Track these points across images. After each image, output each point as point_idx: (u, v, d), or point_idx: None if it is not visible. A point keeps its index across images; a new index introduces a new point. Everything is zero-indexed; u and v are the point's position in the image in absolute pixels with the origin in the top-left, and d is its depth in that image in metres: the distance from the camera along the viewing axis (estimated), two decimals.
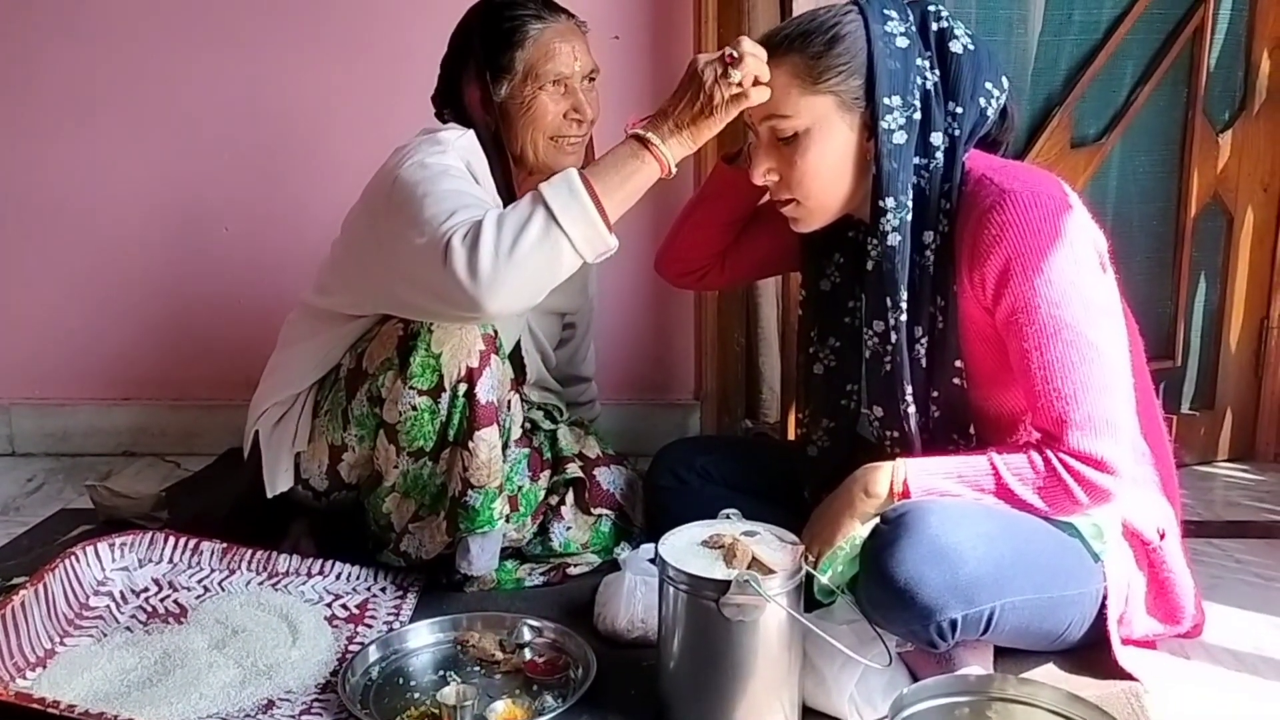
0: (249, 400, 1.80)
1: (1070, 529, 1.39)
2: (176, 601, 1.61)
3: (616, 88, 2.29)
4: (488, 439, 1.57)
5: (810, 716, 1.34)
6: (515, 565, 1.74)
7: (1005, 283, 1.35)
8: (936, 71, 1.42)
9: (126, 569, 1.64)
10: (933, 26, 1.43)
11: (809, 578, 1.30)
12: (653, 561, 1.40)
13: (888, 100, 1.39)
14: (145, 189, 2.40)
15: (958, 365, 1.44)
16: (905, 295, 1.43)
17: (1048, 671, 1.42)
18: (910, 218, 1.41)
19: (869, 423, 1.53)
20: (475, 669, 1.46)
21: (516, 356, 1.83)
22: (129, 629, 1.53)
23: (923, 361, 1.45)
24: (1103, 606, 1.40)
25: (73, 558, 1.57)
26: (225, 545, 1.69)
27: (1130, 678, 1.39)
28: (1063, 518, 1.37)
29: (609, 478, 1.83)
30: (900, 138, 1.40)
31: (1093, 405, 1.32)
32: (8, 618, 1.39)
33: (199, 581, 1.65)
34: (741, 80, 1.36)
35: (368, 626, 1.57)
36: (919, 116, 1.41)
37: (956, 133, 1.41)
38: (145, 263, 2.43)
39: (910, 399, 1.46)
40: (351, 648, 1.50)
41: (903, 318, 1.43)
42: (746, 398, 2.32)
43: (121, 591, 1.61)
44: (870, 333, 1.48)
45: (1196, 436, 2.35)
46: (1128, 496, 1.40)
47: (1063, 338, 1.33)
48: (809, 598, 1.32)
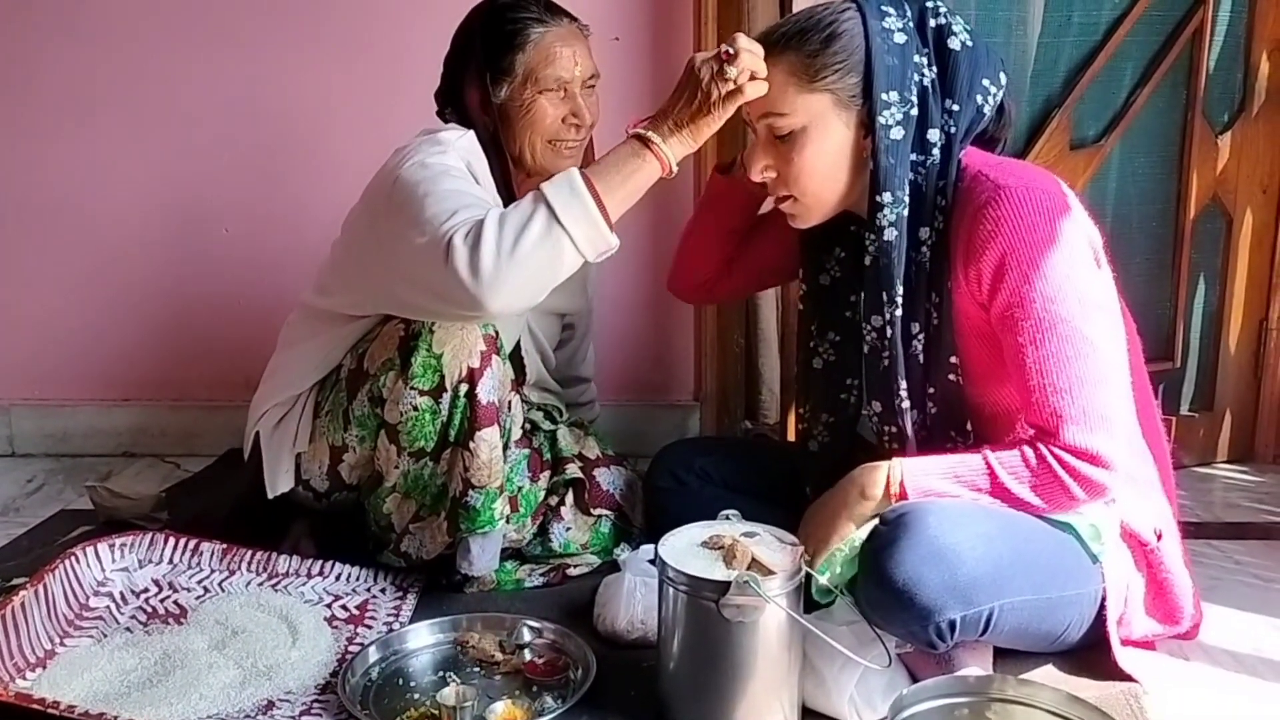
0: (249, 401, 1.80)
1: (1068, 530, 1.39)
2: (176, 602, 1.61)
3: (617, 89, 2.29)
4: (489, 439, 1.57)
5: (810, 717, 1.34)
6: (515, 566, 1.74)
7: (1000, 278, 1.36)
8: (934, 68, 1.42)
9: (126, 570, 1.64)
10: (931, 23, 1.43)
11: (808, 579, 1.31)
12: (652, 562, 1.40)
13: (885, 96, 1.39)
14: (145, 189, 2.40)
15: (953, 362, 1.44)
16: (901, 290, 1.43)
17: (1047, 673, 1.43)
18: (906, 213, 1.42)
19: (868, 420, 1.53)
20: (475, 670, 1.46)
21: (516, 357, 1.83)
22: (129, 630, 1.53)
23: (920, 358, 1.46)
24: (1102, 608, 1.40)
25: (73, 558, 1.57)
26: (225, 546, 1.69)
27: (1130, 679, 1.39)
28: (1059, 515, 1.38)
29: (609, 478, 1.83)
30: (897, 134, 1.40)
31: (1087, 400, 1.33)
32: (8, 618, 1.39)
33: (199, 582, 1.65)
34: (737, 76, 1.36)
35: (367, 627, 1.57)
36: (916, 113, 1.41)
37: (953, 130, 1.42)
38: (145, 263, 2.43)
39: (905, 395, 1.46)
40: (351, 648, 1.51)
41: (898, 313, 1.44)
42: (746, 399, 2.32)
43: (121, 592, 1.61)
44: (868, 328, 1.49)
45: (1196, 438, 2.35)
46: (1123, 492, 1.41)
47: (1058, 332, 1.33)
48: (807, 599, 1.33)
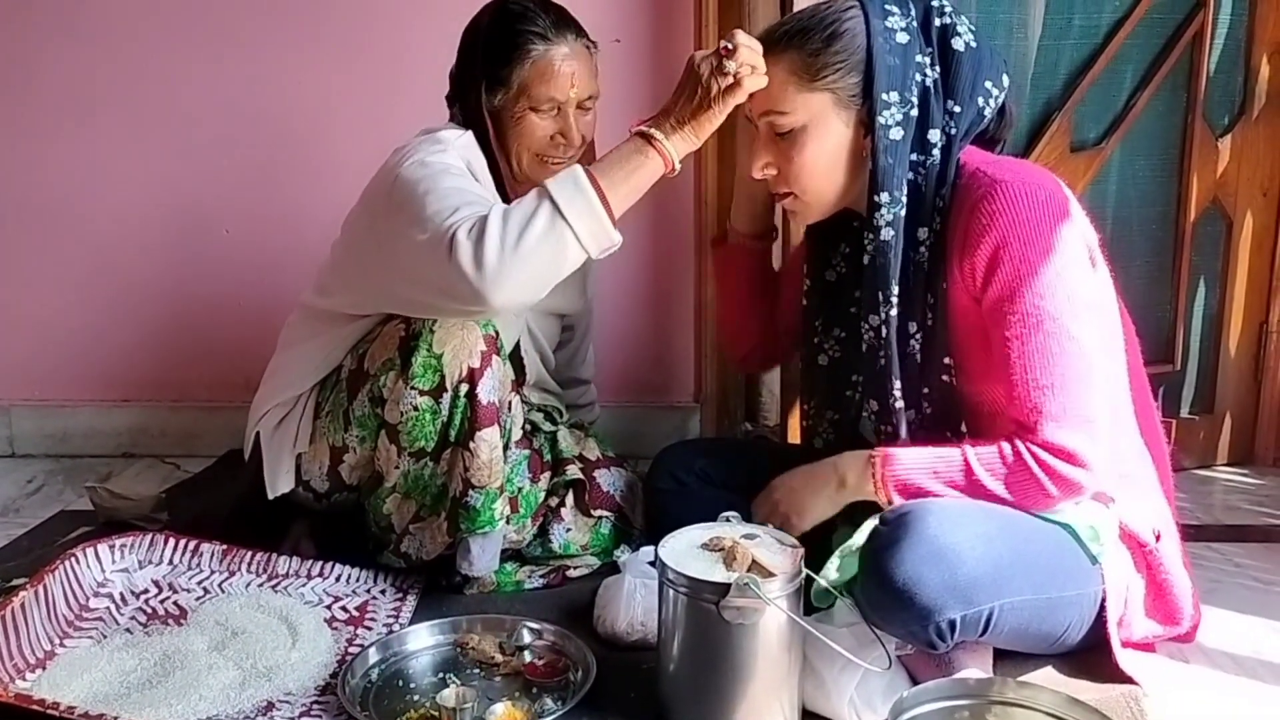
0: (249, 402, 1.80)
1: (1067, 531, 1.39)
2: (176, 603, 1.61)
3: (618, 90, 2.29)
4: (489, 439, 1.57)
5: (810, 719, 1.34)
6: (515, 568, 1.74)
7: (993, 270, 1.36)
8: (937, 68, 1.42)
9: (126, 570, 1.64)
10: (935, 22, 1.43)
11: (809, 581, 1.31)
12: (652, 564, 1.40)
13: (885, 96, 1.40)
14: (145, 190, 2.40)
15: (947, 362, 1.45)
16: (896, 290, 1.44)
17: (1047, 675, 1.43)
18: (904, 213, 1.43)
19: (867, 419, 1.53)
20: (475, 671, 1.46)
21: (516, 358, 1.83)
22: (129, 630, 1.53)
23: (917, 357, 1.47)
24: (1102, 609, 1.40)
25: (72, 559, 1.57)
26: (225, 547, 1.69)
27: (1130, 681, 1.39)
28: (1052, 515, 1.38)
29: (609, 479, 1.83)
30: (897, 134, 1.40)
31: (1069, 398, 1.34)
32: (7, 619, 1.39)
33: (199, 583, 1.65)
34: (736, 70, 1.37)
35: (367, 629, 1.57)
36: (916, 114, 1.41)
37: (953, 131, 1.42)
38: (145, 263, 2.43)
39: (899, 394, 1.47)
40: (351, 650, 1.50)
41: (892, 312, 1.45)
42: (746, 400, 2.33)
43: (121, 593, 1.61)
44: (866, 326, 1.50)
45: (1196, 440, 2.35)
46: (1119, 492, 1.42)
47: (1044, 329, 1.34)
48: (806, 602, 1.33)
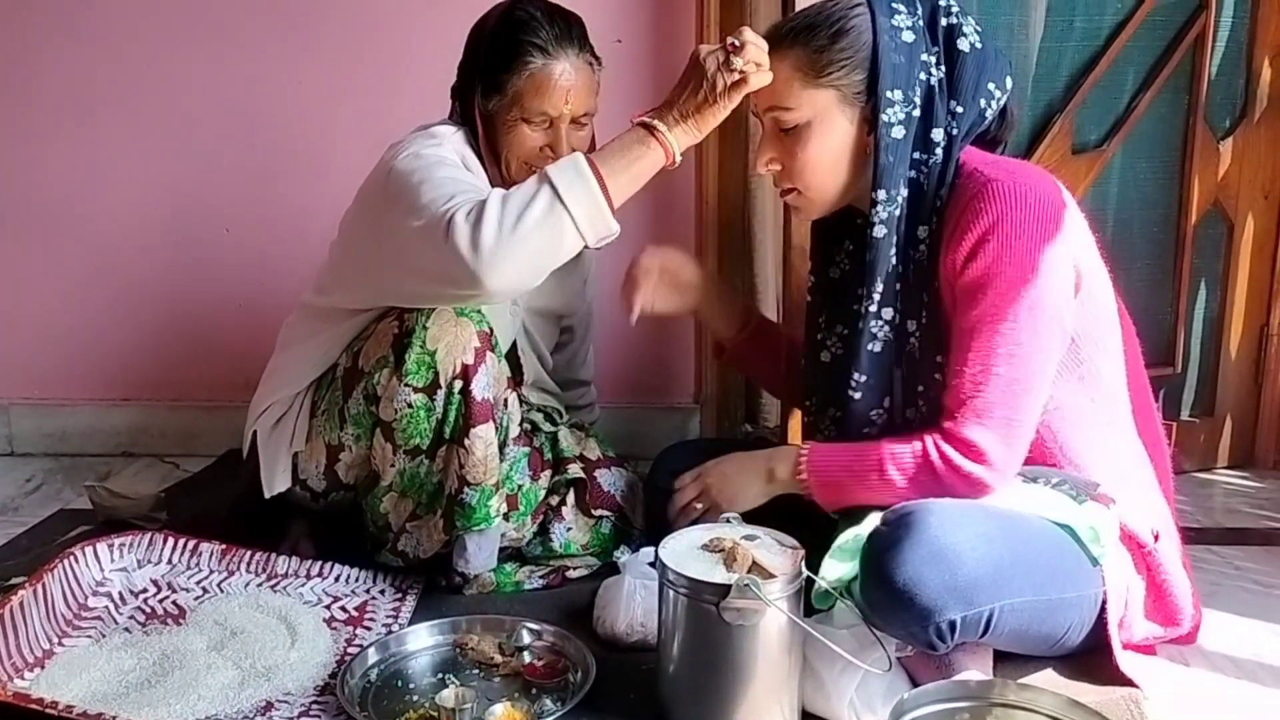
0: (249, 401, 1.80)
1: (1068, 532, 1.39)
2: (175, 603, 1.60)
3: (619, 91, 2.29)
4: (484, 436, 1.57)
5: None
6: (514, 568, 1.74)
7: (970, 261, 1.38)
8: (943, 68, 1.43)
9: (125, 570, 1.63)
10: (942, 22, 1.43)
11: (809, 582, 1.30)
12: (652, 565, 1.40)
13: (889, 94, 1.40)
14: (145, 190, 2.40)
15: (939, 360, 1.45)
16: (881, 287, 1.46)
17: (1047, 677, 1.42)
18: (900, 212, 1.44)
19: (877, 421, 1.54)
20: (474, 672, 1.46)
21: (513, 358, 1.83)
22: (127, 630, 1.53)
23: (916, 354, 1.48)
24: (1102, 610, 1.40)
25: (71, 558, 1.57)
26: (224, 546, 1.69)
27: (1130, 683, 1.39)
28: (1062, 519, 1.38)
29: (610, 479, 1.83)
30: (899, 132, 1.41)
31: (999, 396, 1.36)
32: (6, 618, 1.39)
33: (198, 583, 1.65)
34: (743, 65, 1.38)
35: (366, 629, 1.57)
36: (919, 113, 1.42)
37: (954, 131, 1.43)
38: (145, 263, 2.43)
39: (856, 382, 1.50)
40: (350, 650, 1.50)
41: (872, 308, 1.47)
42: (746, 401, 2.33)
43: (120, 592, 1.60)
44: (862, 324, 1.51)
45: (1196, 443, 2.35)
46: (1121, 494, 1.42)
47: (998, 328, 1.36)
48: (806, 604, 1.32)
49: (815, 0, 1.49)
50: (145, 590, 1.62)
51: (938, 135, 1.42)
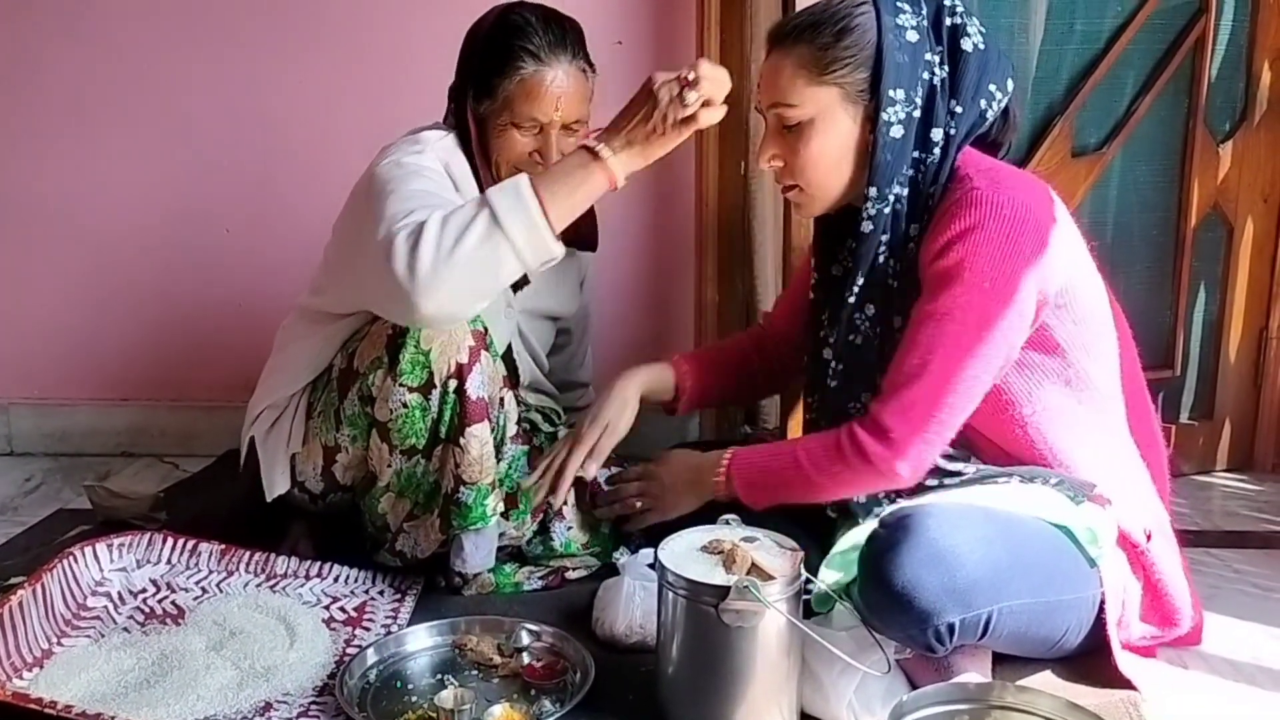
0: (248, 402, 1.80)
1: (1065, 534, 1.39)
2: (174, 603, 1.60)
3: (620, 93, 2.29)
4: (479, 435, 1.57)
5: None
6: (514, 569, 1.74)
7: (939, 256, 1.39)
8: (945, 68, 1.43)
9: (124, 570, 1.63)
10: (946, 21, 1.44)
11: (807, 584, 1.30)
12: (652, 566, 1.40)
13: (892, 93, 1.41)
14: (145, 190, 2.40)
15: None
16: (862, 281, 1.48)
17: (1046, 679, 1.42)
18: (889, 211, 1.45)
19: (855, 411, 1.54)
20: (473, 673, 1.45)
21: (509, 360, 1.83)
22: (126, 630, 1.53)
23: None
24: (1101, 612, 1.40)
25: (70, 558, 1.57)
26: (223, 547, 1.69)
27: (1129, 684, 1.39)
28: (1057, 519, 1.38)
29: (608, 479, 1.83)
30: (898, 132, 1.42)
31: (927, 392, 1.37)
32: (5, 618, 1.39)
33: (197, 583, 1.65)
34: (695, 101, 1.35)
35: (366, 629, 1.57)
36: (919, 113, 1.42)
37: (953, 131, 1.43)
38: (145, 263, 2.43)
39: (835, 377, 1.53)
40: (349, 650, 1.50)
41: (853, 299, 1.50)
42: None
43: (119, 592, 1.60)
44: (860, 319, 1.53)
45: (1195, 446, 2.35)
46: (1105, 492, 1.43)
47: (945, 328, 1.37)
48: (805, 605, 1.32)
49: (815, 0, 1.50)
50: (144, 590, 1.62)
51: (937, 135, 1.42)
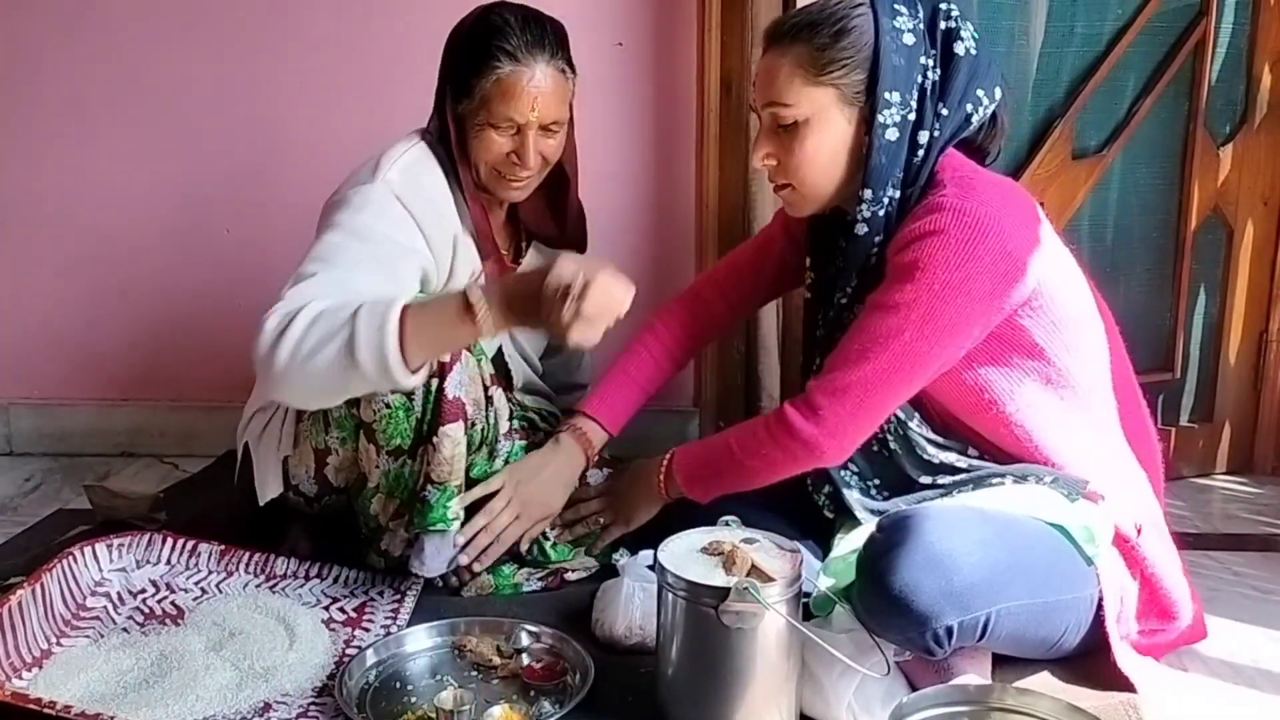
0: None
1: (1062, 532, 1.39)
2: (174, 603, 1.60)
3: (620, 93, 2.30)
4: (452, 435, 1.57)
5: None
6: (513, 570, 1.74)
7: (899, 252, 1.40)
8: (938, 71, 1.43)
9: (124, 570, 1.64)
10: (941, 25, 1.44)
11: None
12: (651, 568, 1.40)
13: (888, 96, 1.41)
14: (145, 190, 2.40)
15: None
16: (855, 283, 1.49)
17: (1046, 681, 1.42)
18: (883, 213, 1.45)
19: None
20: (472, 674, 1.45)
21: (501, 363, 1.82)
22: (126, 630, 1.53)
23: None
24: (1099, 610, 1.40)
25: (70, 558, 1.57)
26: (223, 547, 1.69)
27: (1129, 683, 1.38)
28: (1053, 519, 1.38)
29: (598, 479, 1.82)
30: (893, 134, 1.42)
31: (860, 379, 1.39)
32: (4, 618, 1.39)
33: (196, 583, 1.65)
34: (569, 315, 1.30)
35: (365, 630, 1.57)
36: (914, 116, 1.42)
37: (936, 133, 1.43)
38: (145, 263, 2.43)
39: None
40: (349, 651, 1.50)
41: (844, 300, 1.51)
42: (745, 405, 2.32)
43: (119, 592, 1.60)
44: (850, 316, 1.52)
45: (1195, 449, 2.35)
46: (1097, 489, 1.44)
47: (889, 320, 1.38)
48: (805, 608, 1.32)
49: (816, 1, 1.49)
50: (144, 590, 1.62)
51: (923, 137, 1.43)
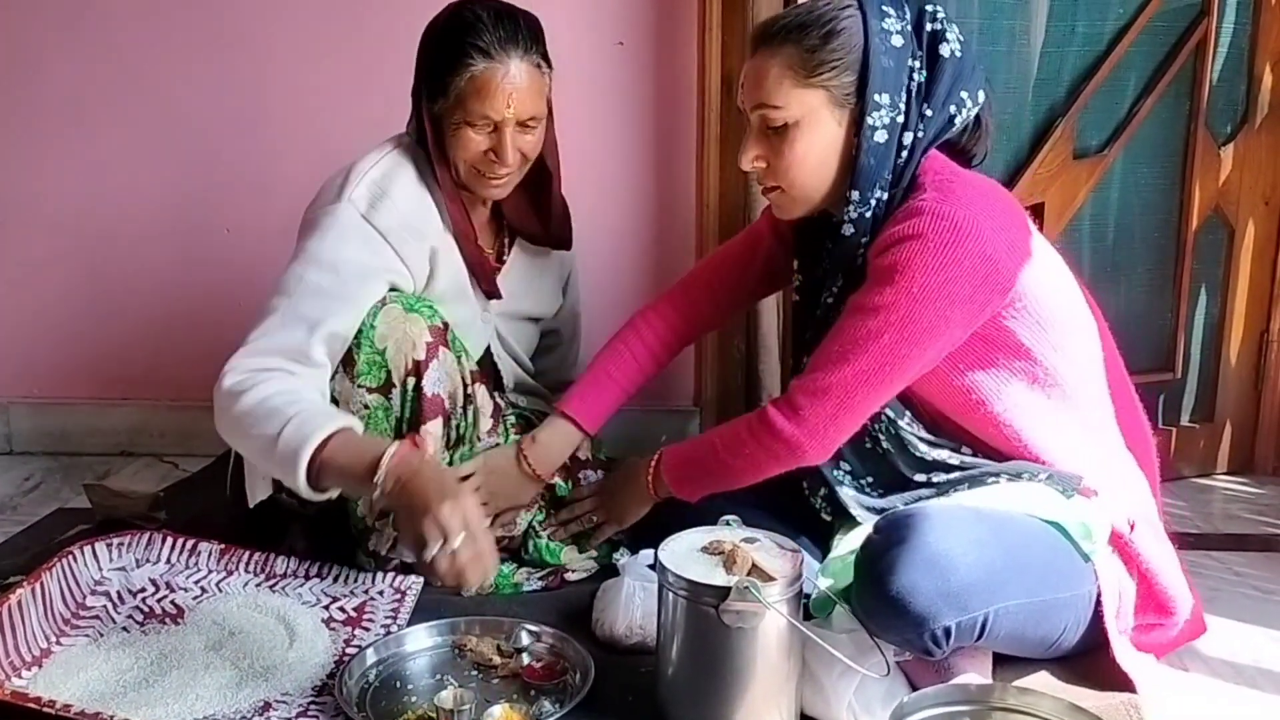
0: None
1: (1059, 529, 1.39)
2: (173, 602, 1.60)
3: (620, 93, 2.30)
4: (433, 432, 1.57)
5: None
6: (513, 569, 1.74)
7: (879, 254, 1.40)
8: (924, 72, 1.43)
9: (124, 569, 1.63)
10: (927, 27, 1.43)
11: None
12: (652, 567, 1.40)
13: (877, 98, 1.41)
14: (145, 190, 2.39)
15: None
16: (841, 284, 1.49)
17: (1047, 681, 1.42)
18: (870, 215, 1.45)
19: None
20: (472, 673, 1.45)
21: (490, 363, 1.82)
22: (125, 629, 1.53)
23: None
24: (1098, 607, 1.40)
25: (70, 557, 1.57)
26: (223, 546, 1.69)
27: (1128, 681, 1.38)
28: (1051, 516, 1.38)
29: (592, 480, 1.82)
30: (882, 136, 1.42)
31: (841, 379, 1.40)
32: (4, 617, 1.39)
33: (196, 582, 1.64)
34: (440, 572, 1.30)
35: (365, 629, 1.57)
36: (902, 118, 1.42)
37: (920, 134, 1.43)
38: (145, 262, 2.43)
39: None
40: (349, 650, 1.50)
41: (831, 300, 1.52)
42: (745, 404, 2.32)
43: (118, 592, 1.60)
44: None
45: (1195, 449, 2.35)
46: (1091, 485, 1.44)
47: (869, 322, 1.38)
48: (805, 608, 1.32)
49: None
50: (143, 590, 1.62)
51: (907, 139, 1.43)
